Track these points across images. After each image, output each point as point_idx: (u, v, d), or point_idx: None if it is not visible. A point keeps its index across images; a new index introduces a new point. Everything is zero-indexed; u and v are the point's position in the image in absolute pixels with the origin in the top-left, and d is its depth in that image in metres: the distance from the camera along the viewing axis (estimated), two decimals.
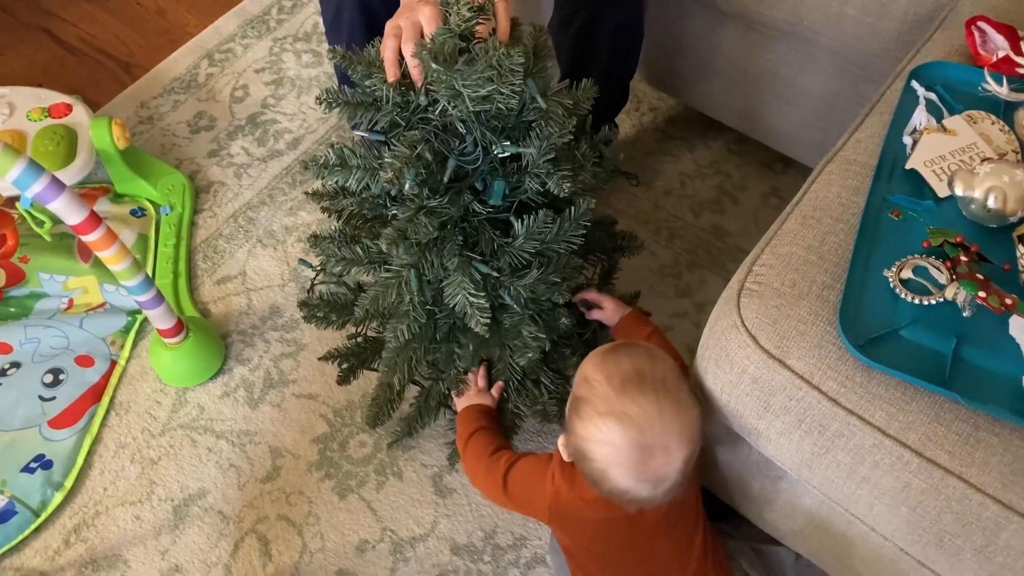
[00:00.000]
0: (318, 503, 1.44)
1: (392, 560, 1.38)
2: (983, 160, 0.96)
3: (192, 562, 1.39)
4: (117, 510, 1.44)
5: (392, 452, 1.48)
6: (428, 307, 1.16)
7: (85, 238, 1.26)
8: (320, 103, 1.08)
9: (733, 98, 1.65)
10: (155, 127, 1.96)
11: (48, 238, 1.64)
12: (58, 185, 1.18)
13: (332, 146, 1.08)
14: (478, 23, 0.97)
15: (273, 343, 1.62)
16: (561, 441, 1.05)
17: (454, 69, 0.95)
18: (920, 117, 1.04)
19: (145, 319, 1.63)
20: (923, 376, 0.85)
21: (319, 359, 1.46)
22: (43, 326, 1.61)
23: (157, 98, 2.02)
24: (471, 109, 0.97)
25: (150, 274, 1.56)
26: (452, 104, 0.98)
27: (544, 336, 1.15)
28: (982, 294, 0.85)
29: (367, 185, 1.06)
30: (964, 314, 0.88)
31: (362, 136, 1.08)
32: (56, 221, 1.62)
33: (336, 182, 1.07)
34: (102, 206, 1.78)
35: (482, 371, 1.29)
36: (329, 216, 1.24)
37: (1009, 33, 1.07)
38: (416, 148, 0.99)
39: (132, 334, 1.63)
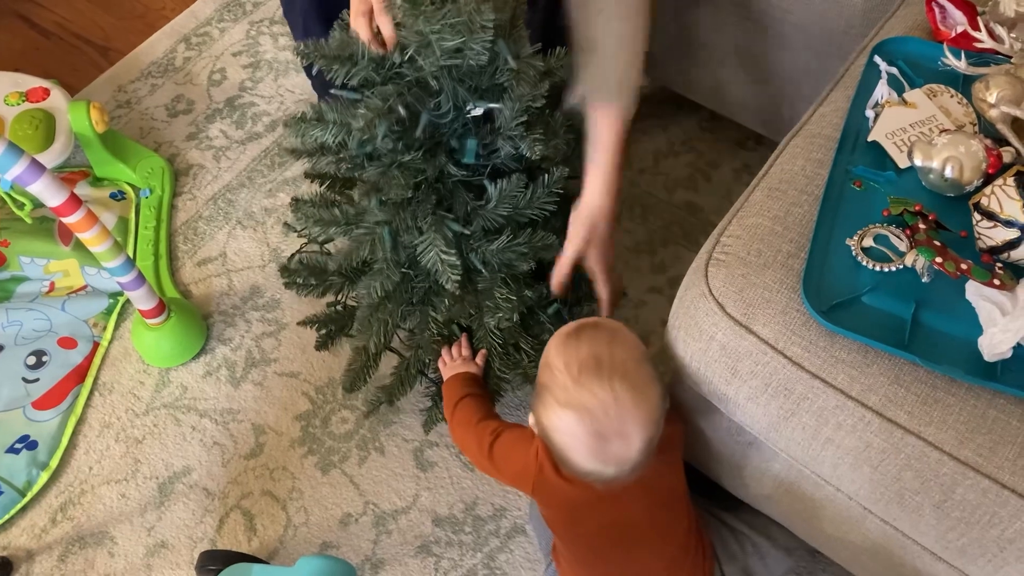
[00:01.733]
0: (301, 478, 1.46)
1: (375, 533, 1.41)
2: (941, 132, 0.99)
3: (178, 538, 1.41)
4: (102, 488, 1.46)
5: (374, 427, 1.50)
6: (403, 269, 1.19)
7: (66, 219, 1.28)
8: (298, 55, 1.09)
9: (704, 77, 1.68)
10: (133, 111, 1.97)
11: (29, 221, 1.65)
12: (38, 167, 1.19)
13: (311, 104, 1.10)
14: None
15: (254, 323, 1.63)
16: (531, 421, 1.07)
17: (420, 8, 0.97)
18: (882, 91, 1.07)
19: (127, 301, 1.65)
20: (884, 340, 0.88)
21: (298, 324, 1.50)
22: (25, 309, 1.62)
23: (135, 82, 2.02)
24: (441, 63, 0.99)
25: (131, 256, 1.57)
26: (422, 55, 1.00)
27: (515, 298, 1.17)
28: (939, 260, 0.88)
29: (344, 142, 1.08)
30: (923, 280, 0.91)
31: (338, 94, 1.10)
32: (36, 204, 1.63)
33: (315, 139, 1.09)
34: (82, 190, 1.79)
35: (464, 340, 1.32)
36: (312, 182, 1.26)
37: (967, 9, 1.10)
38: (388, 101, 1.01)
39: (114, 316, 1.64)
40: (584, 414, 0.96)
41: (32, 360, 1.58)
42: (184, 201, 1.82)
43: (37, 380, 1.56)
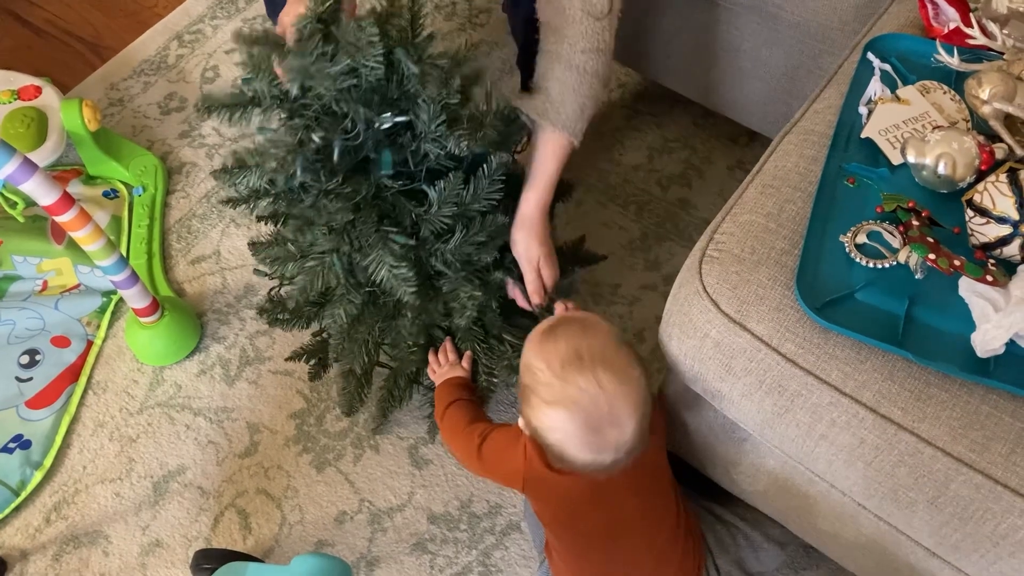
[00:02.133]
0: (296, 477, 1.46)
1: (370, 530, 1.41)
2: (934, 128, 0.99)
3: (173, 536, 1.41)
4: (97, 487, 1.46)
5: (369, 425, 1.50)
6: (368, 289, 1.19)
7: (58, 218, 1.27)
8: (197, 110, 1.11)
9: (698, 73, 1.68)
10: (126, 109, 1.96)
11: (21, 220, 1.64)
12: (30, 166, 1.19)
13: (233, 152, 1.11)
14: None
15: (248, 321, 1.63)
16: (520, 423, 1.08)
17: (307, 47, 0.98)
18: (875, 88, 1.08)
19: (120, 299, 1.64)
20: (877, 336, 0.88)
21: (286, 359, 1.48)
22: (18, 308, 1.62)
23: (127, 80, 2.02)
24: (337, 87, 1.00)
25: (124, 255, 1.57)
26: (316, 84, 1.01)
27: (479, 294, 1.18)
28: (932, 256, 0.88)
29: (272, 180, 1.09)
30: (916, 276, 0.91)
31: (260, 133, 1.11)
32: (29, 203, 1.63)
33: (244, 185, 1.09)
34: (75, 188, 1.78)
35: (448, 344, 1.32)
36: (265, 223, 1.27)
37: (960, 5, 1.11)
38: (298, 134, 1.02)
39: (108, 314, 1.64)
40: (574, 408, 0.97)
41: (25, 359, 1.57)
42: (177, 199, 1.81)
43: (30, 379, 1.55)
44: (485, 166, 1.12)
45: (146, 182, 1.80)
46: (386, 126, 1.05)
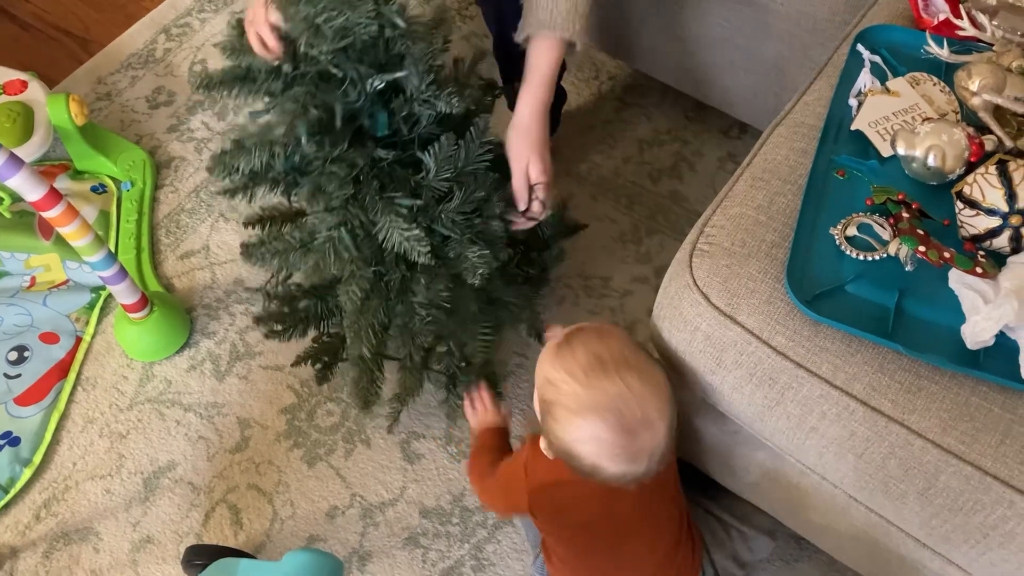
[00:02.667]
0: (287, 472, 1.46)
1: (362, 525, 1.40)
2: (924, 120, 0.99)
3: (164, 533, 1.40)
4: (87, 484, 1.45)
5: (360, 420, 1.50)
6: (373, 268, 1.19)
7: (46, 214, 1.26)
8: (195, 89, 1.11)
9: (690, 65, 1.67)
10: (113, 103, 1.95)
11: (8, 215, 1.63)
12: (16, 161, 1.18)
13: (229, 138, 1.11)
14: None
15: (238, 316, 1.63)
16: (543, 444, 1.05)
17: (311, 3, 1.00)
18: (865, 80, 1.07)
19: (109, 295, 1.63)
20: (867, 329, 0.88)
21: (292, 365, 1.46)
22: (6, 304, 1.61)
23: (115, 74, 2.00)
24: (334, 46, 1.01)
25: (113, 250, 1.56)
26: (315, 46, 1.01)
27: (488, 252, 1.18)
28: (922, 248, 0.88)
29: (270, 163, 1.08)
30: (906, 268, 0.91)
31: (251, 118, 1.12)
32: (16, 198, 1.62)
33: (240, 169, 1.09)
34: (62, 183, 1.77)
35: (483, 389, 1.32)
36: (252, 227, 1.30)
37: None
38: (300, 101, 1.02)
39: (97, 310, 1.63)
40: (605, 414, 0.93)
41: (13, 355, 1.56)
42: (166, 194, 1.80)
43: (19, 376, 1.55)
44: (473, 128, 1.13)
45: (134, 177, 1.79)
46: (381, 85, 1.05)
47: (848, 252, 0.93)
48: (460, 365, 1.39)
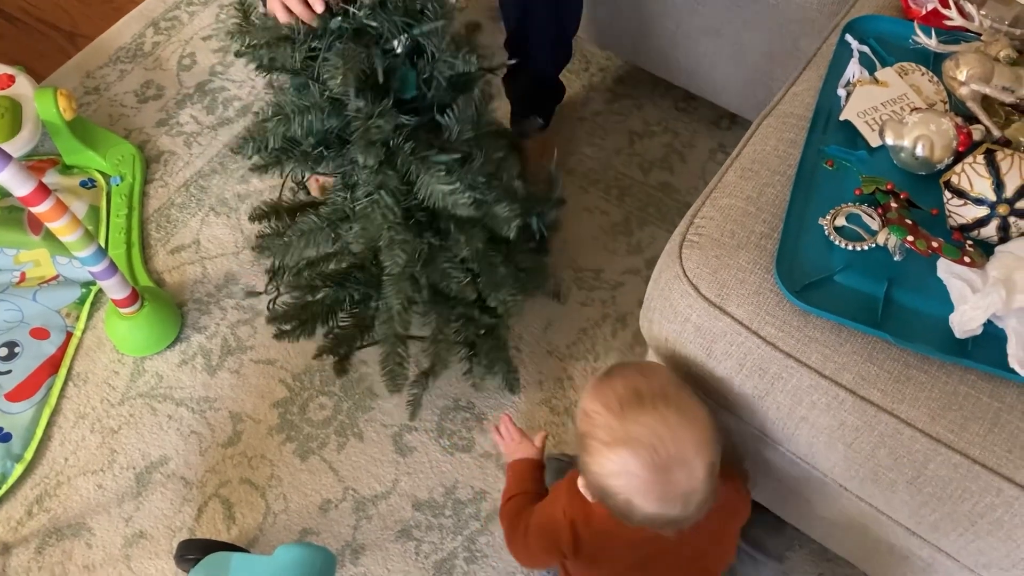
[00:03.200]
0: (280, 466, 1.46)
1: (355, 518, 1.40)
2: (912, 110, 1.00)
3: (157, 527, 1.40)
4: (79, 480, 1.45)
5: (352, 413, 1.50)
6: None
7: (34, 209, 1.26)
8: (238, 55, 1.11)
9: (679, 56, 1.67)
10: (102, 97, 1.94)
11: None
12: (4, 156, 1.18)
13: (265, 105, 1.11)
14: None
15: (229, 310, 1.62)
16: (581, 483, 1.00)
17: None
18: (853, 70, 1.08)
19: (100, 290, 1.63)
20: (856, 318, 0.89)
21: (313, 358, 1.46)
22: None
23: (103, 68, 2.00)
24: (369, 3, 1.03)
25: (102, 245, 1.56)
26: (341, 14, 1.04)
27: (517, 204, 1.19)
28: (910, 238, 0.88)
29: (311, 126, 1.09)
30: (895, 258, 0.92)
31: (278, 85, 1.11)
32: (4, 194, 1.61)
33: (274, 141, 1.09)
34: (51, 178, 1.76)
35: (507, 420, 1.30)
36: (259, 222, 1.31)
37: None
38: (347, 56, 1.03)
39: (87, 305, 1.63)
40: (638, 447, 0.89)
41: (4, 351, 1.56)
42: (156, 188, 1.80)
43: (9, 372, 1.54)
44: (479, 91, 1.15)
45: (124, 171, 1.78)
46: (419, 34, 1.07)
47: (837, 242, 0.93)
48: (479, 334, 1.40)
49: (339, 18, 1.05)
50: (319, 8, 1.04)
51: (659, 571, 1.08)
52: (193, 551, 1.30)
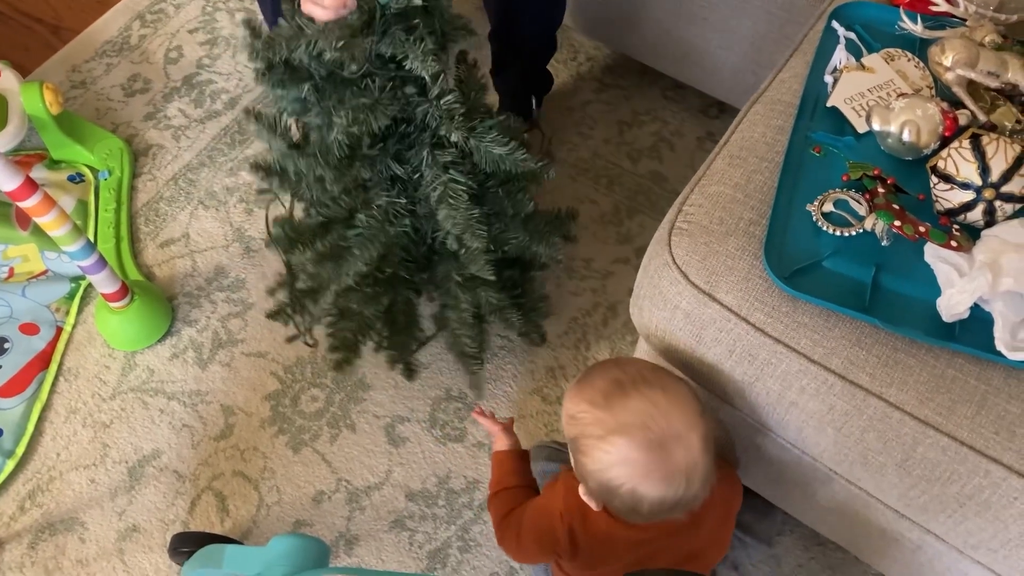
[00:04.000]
0: (273, 458, 1.46)
1: (348, 509, 1.41)
2: (899, 96, 1.00)
3: (150, 521, 1.40)
4: (71, 474, 1.45)
5: (344, 405, 1.50)
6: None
7: (22, 204, 1.25)
8: (260, 77, 1.08)
9: (667, 44, 1.68)
10: (89, 91, 1.93)
11: None
12: None
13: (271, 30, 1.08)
14: None
15: (220, 303, 1.62)
16: (582, 491, 0.99)
17: None
18: (840, 56, 1.08)
19: (89, 285, 1.63)
20: (845, 303, 0.89)
21: (328, 351, 1.43)
22: None
23: (89, 62, 1.99)
24: None
25: (91, 240, 1.55)
26: None
27: (524, 192, 1.24)
28: (898, 223, 0.89)
29: (320, 54, 1.04)
30: (882, 243, 0.92)
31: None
32: None
33: (307, 50, 1.04)
34: (39, 173, 1.76)
35: (481, 414, 1.27)
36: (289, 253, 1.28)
37: None
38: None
39: (77, 300, 1.62)
40: (632, 430, 0.90)
41: None
42: (144, 182, 1.79)
43: (0, 367, 1.54)
44: (457, 66, 1.17)
45: (112, 165, 1.78)
46: None
47: (825, 228, 0.93)
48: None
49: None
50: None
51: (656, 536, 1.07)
52: (187, 544, 1.30)
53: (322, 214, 1.23)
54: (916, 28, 1.07)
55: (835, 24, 1.11)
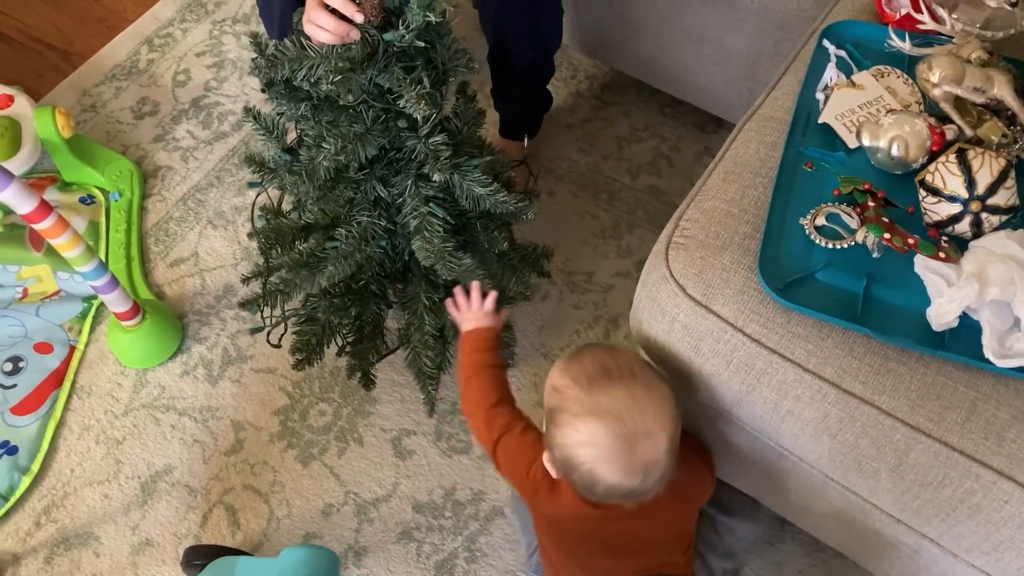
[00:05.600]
0: (282, 472, 1.49)
1: (357, 521, 1.43)
2: (888, 112, 1.03)
3: (163, 535, 1.43)
4: (85, 490, 1.48)
5: (352, 419, 1.53)
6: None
7: (36, 226, 1.29)
8: (263, 92, 1.13)
9: (664, 62, 1.71)
10: (99, 114, 1.97)
11: (1, 228, 1.65)
12: (6, 175, 1.20)
13: (274, 47, 1.11)
14: None
15: (229, 321, 1.65)
16: (546, 458, 1.03)
17: None
18: (831, 74, 1.11)
19: (101, 304, 1.66)
20: (837, 314, 0.92)
21: (349, 379, 1.50)
22: None
23: (99, 85, 2.03)
24: None
25: (103, 260, 1.58)
26: None
27: (502, 229, 1.29)
28: (888, 236, 0.91)
29: (318, 79, 1.09)
30: (873, 255, 0.95)
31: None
32: (6, 211, 1.64)
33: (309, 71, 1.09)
34: (51, 195, 1.79)
35: (476, 291, 1.23)
36: (268, 254, 1.33)
37: None
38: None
39: (89, 319, 1.65)
40: (607, 417, 0.93)
41: (8, 366, 1.59)
42: (154, 203, 1.83)
43: (14, 386, 1.57)
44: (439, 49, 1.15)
45: (122, 187, 1.81)
46: None
47: (817, 241, 0.96)
48: None
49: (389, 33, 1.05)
50: (359, 18, 1.04)
51: (623, 552, 1.12)
52: (199, 557, 1.32)
53: (305, 219, 1.27)
54: (904, 46, 1.10)
55: (826, 43, 1.14)
